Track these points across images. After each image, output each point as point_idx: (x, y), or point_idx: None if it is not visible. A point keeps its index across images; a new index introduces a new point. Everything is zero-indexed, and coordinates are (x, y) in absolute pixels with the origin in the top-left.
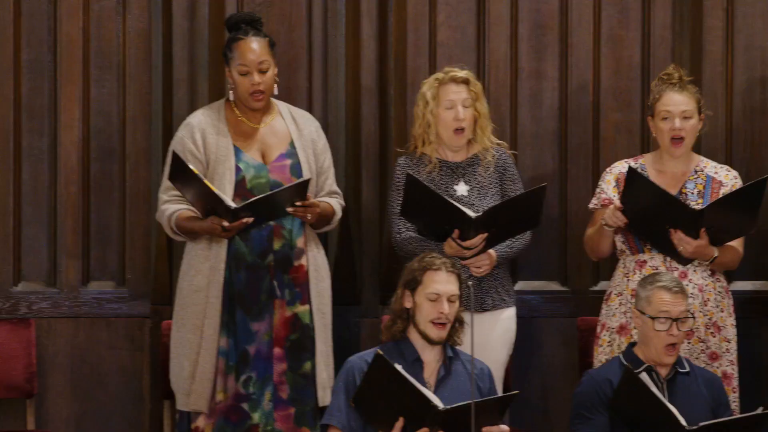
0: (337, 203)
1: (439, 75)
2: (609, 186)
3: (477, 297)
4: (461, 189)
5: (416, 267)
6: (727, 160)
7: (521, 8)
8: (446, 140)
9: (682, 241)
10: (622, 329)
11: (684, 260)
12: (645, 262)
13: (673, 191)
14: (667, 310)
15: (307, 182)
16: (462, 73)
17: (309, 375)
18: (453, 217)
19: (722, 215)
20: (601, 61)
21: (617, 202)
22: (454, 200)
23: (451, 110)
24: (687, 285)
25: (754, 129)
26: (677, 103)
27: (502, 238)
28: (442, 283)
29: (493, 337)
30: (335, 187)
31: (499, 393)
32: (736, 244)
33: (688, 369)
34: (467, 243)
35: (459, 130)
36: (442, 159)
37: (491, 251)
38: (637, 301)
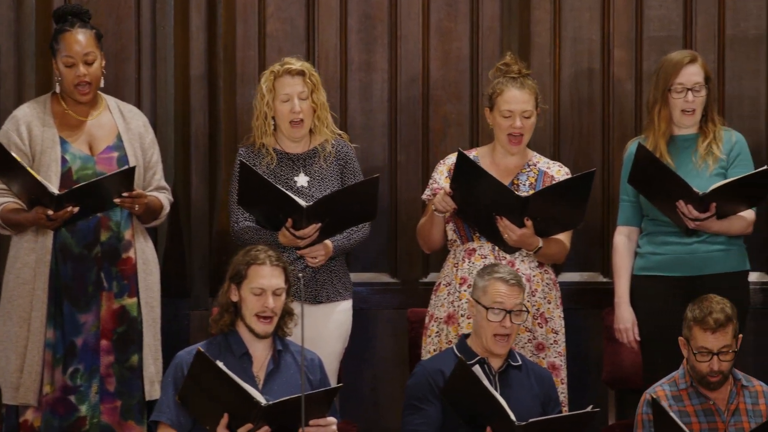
0: (165, 198)
1: (275, 67)
2: (441, 176)
3: (312, 289)
4: (301, 180)
5: (241, 261)
6: (555, 152)
7: (351, 0)
8: (285, 132)
9: (507, 228)
10: (449, 319)
11: (509, 249)
12: (474, 250)
13: (505, 183)
14: (501, 301)
15: (132, 170)
16: (297, 65)
17: (136, 368)
18: (286, 207)
19: (548, 205)
20: (430, 53)
21: (447, 188)
22: (294, 191)
23: (287, 103)
24: None
25: (582, 121)
26: (519, 102)
27: (338, 229)
28: (266, 277)
29: (328, 329)
30: (163, 183)
31: (334, 385)
32: (563, 237)
33: (520, 362)
34: (300, 233)
35: (296, 122)
36: (281, 150)
37: (327, 242)
38: (474, 290)
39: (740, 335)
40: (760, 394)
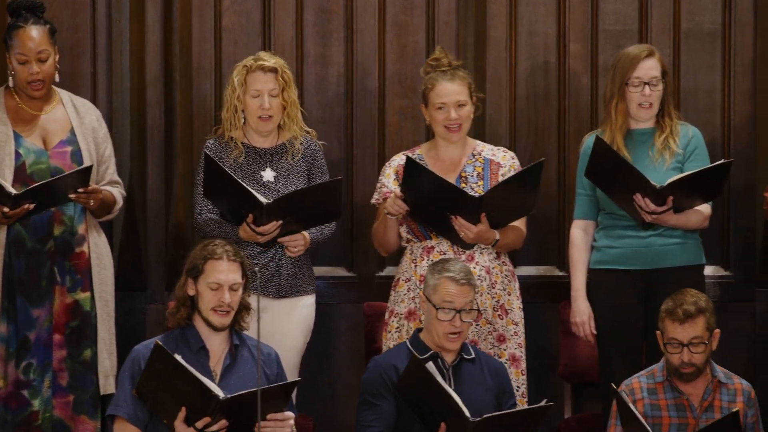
0: (118, 192)
1: (248, 62)
2: (389, 179)
3: (276, 283)
4: (268, 175)
5: (198, 255)
6: (511, 146)
7: None
8: (253, 126)
9: (463, 227)
10: (410, 315)
11: (467, 244)
12: (432, 247)
13: (453, 176)
14: (451, 300)
15: (89, 169)
16: (270, 62)
17: (89, 362)
18: (247, 202)
19: (502, 199)
20: (386, 47)
21: (398, 191)
22: (260, 186)
23: (257, 99)
24: (474, 267)
25: (538, 115)
26: (451, 93)
27: (302, 227)
28: (223, 272)
29: (290, 323)
30: (116, 177)
31: (293, 379)
32: (519, 223)
33: (473, 355)
34: (260, 228)
35: (264, 118)
36: (249, 144)
37: (305, 233)
38: (425, 286)
39: (717, 330)
40: (738, 392)
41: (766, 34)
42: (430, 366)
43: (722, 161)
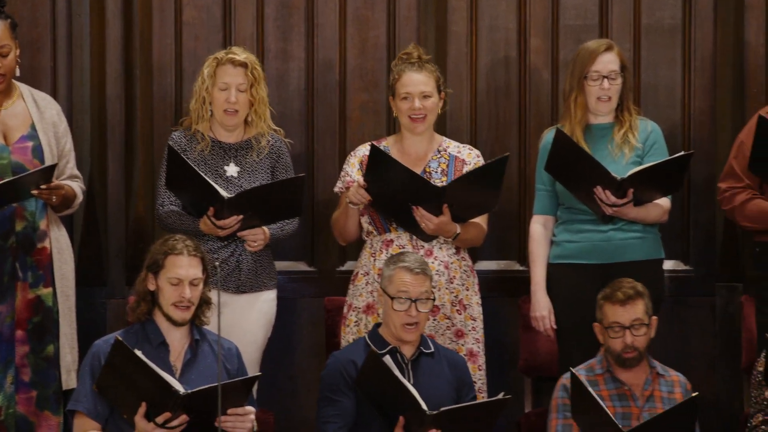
0: (78, 187)
1: (220, 54)
2: (353, 169)
3: (236, 278)
4: (231, 170)
5: (158, 250)
6: (472, 140)
7: None
8: (218, 119)
9: (424, 217)
10: (368, 309)
11: (427, 237)
12: (392, 241)
13: (417, 170)
14: (406, 290)
15: (53, 167)
16: (242, 57)
17: (52, 358)
18: (209, 195)
19: (464, 192)
20: (347, 41)
21: (361, 180)
22: (223, 180)
23: (224, 92)
24: (432, 262)
25: (498, 109)
26: (416, 83)
27: (263, 222)
28: (183, 267)
29: (251, 318)
30: (76, 171)
31: (253, 374)
32: (480, 220)
33: (432, 349)
34: (221, 222)
35: (230, 112)
36: (215, 138)
37: (265, 228)
38: (381, 279)
39: (654, 317)
40: (676, 384)
41: (726, 29)
42: (388, 360)
43: (683, 153)
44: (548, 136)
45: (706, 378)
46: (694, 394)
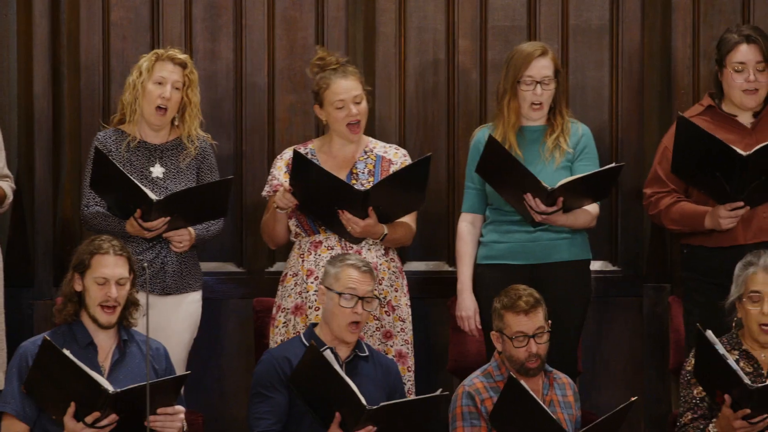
0: (8, 186)
1: (160, 50)
2: (280, 172)
3: (161, 280)
4: (157, 171)
5: (84, 250)
6: (401, 141)
7: None
8: (147, 116)
9: (350, 221)
10: (297, 310)
11: (355, 239)
12: (320, 242)
13: (344, 172)
14: (354, 287)
15: None
16: (182, 56)
17: None
18: (136, 197)
19: (389, 194)
20: (275, 42)
21: (287, 185)
22: (149, 181)
23: (159, 86)
24: None
25: (427, 111)
26: (348, 90)
27: (187, 223)
28: (109, 266)
29: (176, 319)
30: (6, 171)
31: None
32: (408, 219)
33: (367, 353)
34: (148, 224)
35: (160, 109)
36: (141, 139)
37: (191, 229)
38: (325, 278)
39: (549, 321)
40: (567, 386)
41: (653, 30)
42: (328, 354)
43: (613, 165)
44: (479, 134)
45: (633, 379)
46: (633, 399)
